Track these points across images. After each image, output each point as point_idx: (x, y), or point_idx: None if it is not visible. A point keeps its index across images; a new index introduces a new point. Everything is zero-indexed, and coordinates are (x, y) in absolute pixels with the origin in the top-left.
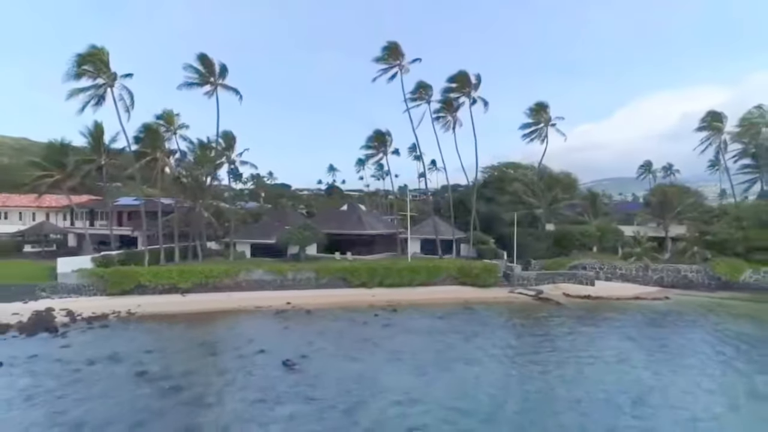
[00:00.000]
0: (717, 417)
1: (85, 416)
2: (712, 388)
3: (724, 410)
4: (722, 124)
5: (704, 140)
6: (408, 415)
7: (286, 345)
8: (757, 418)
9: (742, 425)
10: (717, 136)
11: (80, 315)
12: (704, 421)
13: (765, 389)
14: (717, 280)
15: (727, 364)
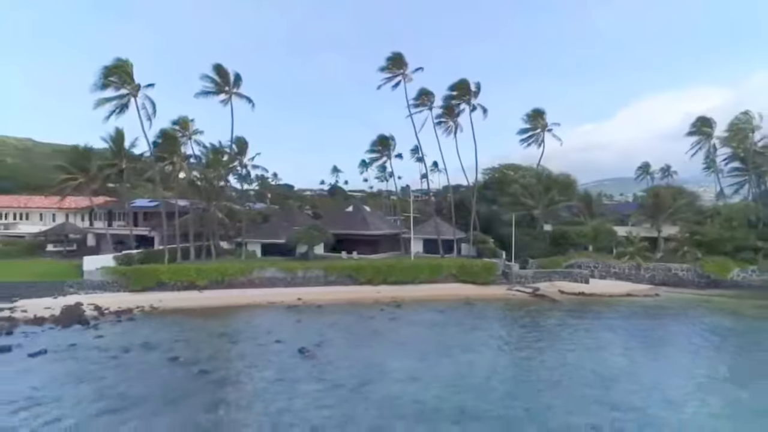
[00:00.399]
0: (675, 392)
1: (127, 393)
2: (677, 372)
3: (681, 388)
4: (711, 129)
5: (694, 144)
6: (410, 392)
7: (299, 335)
8: (709, 395)
9: (692, 401)
10: (707, 141)
11: (107, 309)
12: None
13: (723, 373)
14: (706, 278)
15: (696, 352)
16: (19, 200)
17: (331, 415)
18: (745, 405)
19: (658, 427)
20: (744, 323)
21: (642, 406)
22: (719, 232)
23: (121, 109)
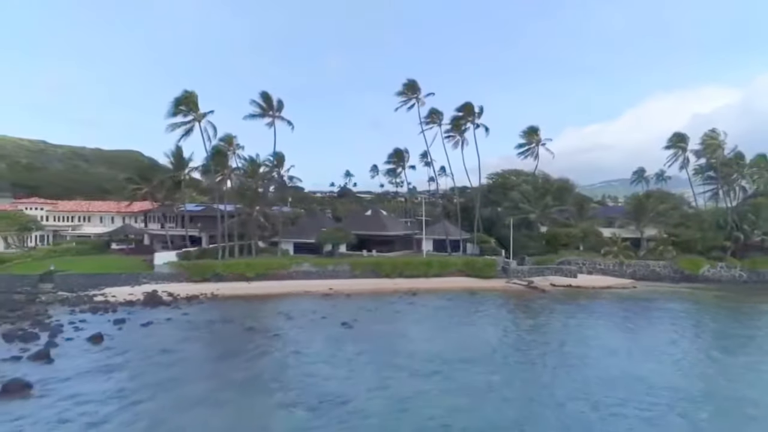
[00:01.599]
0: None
1: (227, 347)
2: (632, 339)
3: (632, 353)
4: (686, 143)
5: (671, 157)
6: (424, 349)
7: (338, 314)
8: (650, 358)
9: (634, 355)
10: (682, 153)
11: (178, 295)
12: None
13: (665, 344)
14: (680, 273)
15: (649, 326)
16: (82, 205)
17: (370, 360)
18: (677, 360)
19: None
20: (698, 307)
21: (588, 354)
22: (692, 233)
23: (188, 132)
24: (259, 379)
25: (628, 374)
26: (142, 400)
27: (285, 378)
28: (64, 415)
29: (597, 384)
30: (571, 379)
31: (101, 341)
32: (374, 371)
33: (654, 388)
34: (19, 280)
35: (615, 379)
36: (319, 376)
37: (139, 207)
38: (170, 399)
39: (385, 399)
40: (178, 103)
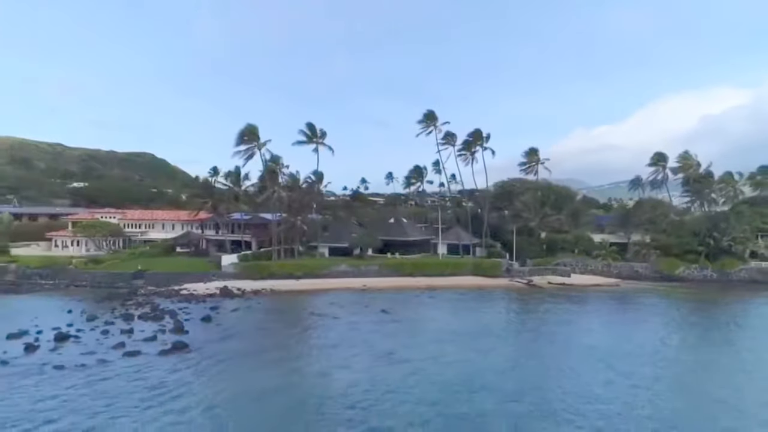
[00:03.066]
0: (593, 333)
1: (302, 326)
2: (603, 323)
3: (597, 331)
4: (665, 162)
5: (652, 173)
6: (446, 328)
7: (376, 304)
8: (610, 335)
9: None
10: (662, 171)
11: (245, 290)
12: (585, 334)
13: (628, 326)
14: (660, 273)
15: (624, 315)
16: (146, 213)
17: (407, 333)
18: (629, 334)
19: (567, 338)
20: (668, 300)
21: (565, 331)
22: (671, 239)
23: (250, 157)
24: (334, 342)
25: (587, 344)
26: (260, 353)
27: (352, 342)
28: (214, 360)
29: (564, 349)
30: (549, 346)
31: (210, 321)
32: (411, 339)
33: (602, 353)
34: (116, 277)
35: (577, 347)
36: (374, 341)
37: (197, 215)
38: (279, 354)
39: (420, 353)
40: (242, 135)
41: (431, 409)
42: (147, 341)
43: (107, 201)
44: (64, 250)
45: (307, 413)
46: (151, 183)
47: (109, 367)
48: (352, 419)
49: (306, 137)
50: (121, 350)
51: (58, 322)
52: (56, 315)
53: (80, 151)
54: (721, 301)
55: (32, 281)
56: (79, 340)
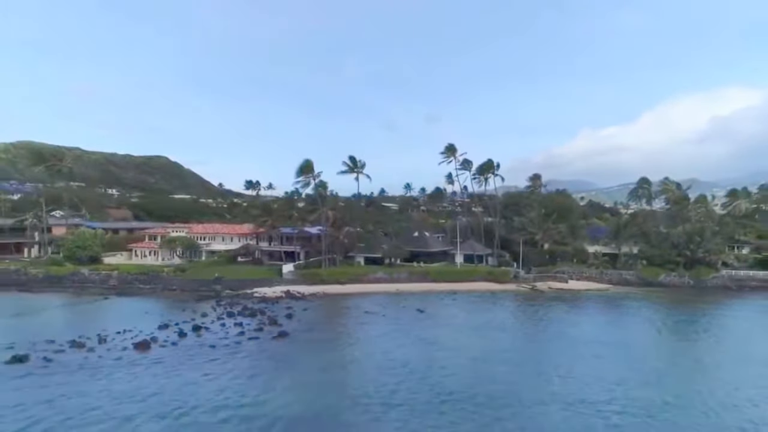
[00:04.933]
0: (581, 326)
1: (364, 320)
2: (589, 320)
3: (584, 325)
4: (649, 185)
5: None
6: (468, 323)
7: (411, 305)
8: (595, 328)
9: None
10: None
11: (303, 293)
12: (573, 327)
13: (610, 322)
14: (644, 280)
15: (609, 314)
16: (208, 227)
17: (440, 326)
18: (609, 327)
19: (560, 329)
20: (647, 302)
21: (558, 325)
22: (654, 250)
23: (306, 185)
24: (386, 332)
25: (573, 335)
26: (336, 339)
27: (400, 332)
28: (309, 343)
29: (556, 338)
30: (543, 336)
31: (292, 318)
32: (442, 330)
33: (583, 340)
34: (200, 283)
35: (565, 336)
36: (416, 332)
37: (250, 229)
38: (350, 340)
39: (451, 339)
40: (301, 170)
41: (462, 373)
42: (257, 331)
43: (162, 213)
44: (143, 259)
45: (379, 375)
46: (166, 185)
47: (243, 346)
48: (410, 382)
49: (348, 168)
50: (244, 336)
51: (181, 318)
52: (174, 313)
53: (98, 155)
54: (694, 303)
55: (133, 286)
56: (209, 330)
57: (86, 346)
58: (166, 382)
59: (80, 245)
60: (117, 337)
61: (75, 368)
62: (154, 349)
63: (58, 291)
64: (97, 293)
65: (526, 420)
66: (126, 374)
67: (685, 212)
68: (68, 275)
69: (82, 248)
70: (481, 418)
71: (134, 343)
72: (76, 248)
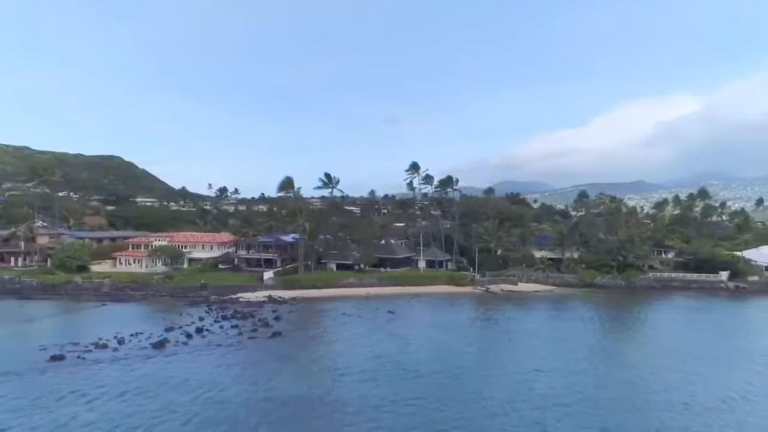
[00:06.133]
0: (522, 321)
1: (341, 321)
2: (531, 316)
3: (526, 320)
4: (588, 197)
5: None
6: (433, 321)
7: (382, 307)
8: (534, 322)
9: (527, 322)
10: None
11: (284, 297)
12: (517, 322)
13: (550, 317)
14: (583, 281)
15: (550, 311)
16: (188, 236)
17: (410, 325)
18: (547, 321)
19: (506, 324)
20: (582, 301)
21: (505, 321)
22: (592, 256)
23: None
24: (365, 331)
25: (519, 330)
26: (323, 336)
27: (377, 330)
28: (300, 340)
29: (504, 332)
30: (493, 331)
31: (281, 319)
32: (412, 328)
33: (525, 333)
34: (187, 289)
35: (511, 330)
36: (390, 330)
37: (229, 238)
38: (336, 337)
39: (419, 335)
40: (282, 186)
41: (429, 360)
42: (253, 331)
43: (139, 222)
44: (127, 267)
45: (362, 363)
46: (123, 187)
47: (245, 344)
48: (388, 366)
49: (324, 183)
50: (243, 337)
51: (181, 321)
52: (173, 317)
53: (48, 155)
54: (623, 302)
55: (124, 293)
56: (211, 332)
57: (109, 347)
58: (195, 370)
59: (71, 255)
60: (132, 339)
61: (110, 362)
62: (169, 348)
63: (54, 299)
64: (91, 300)
65: (477, 390)
66: (156, 366)
67: (618, 222)
68: (62, 283)
69: (72, 258)
70: (444, 389)
71: (151, 343)
72: (67, 257)
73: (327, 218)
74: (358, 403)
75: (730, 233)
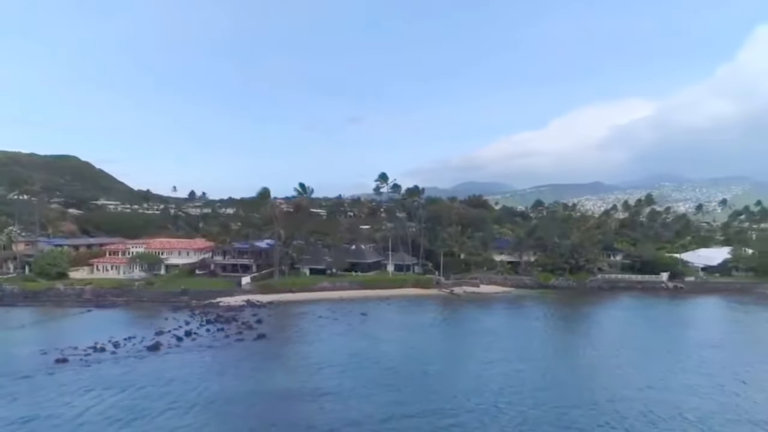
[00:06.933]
0: (482, 319)
1: (321, 323)
2: (490, 315)
3: (484, 319)
4: (543, 205)
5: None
6: (401, 322)
7: (355, 309)
8: (492, 319)
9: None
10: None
11: (261, 301)
12: (475, 321)
13: (509, 315)
14: (539, 283)
15: (507, 310)
16: (164, 243)
17: (382, 327)
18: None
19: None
20: (537, 301)
21: (465, 320)
22: (546, 259)
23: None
24: (341, 332)
25: (480, 328)
26: (303, 337)
27: (352, 330)
28: (284, 341)
29: (466, 331)
30: (457, 330)
31: (263, 322)
32: (383, 328)
33: (484, 331)
34: (168, 294)
35: (472, 329)
36: (364, 330)
37: (204, 244)
38: (315, 338)
39: (390, 334)
40: (261, 195)
41: (400, 354)
42: (239, 334)
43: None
44: (105, 274)
45: (341, 360)
46: (80, 188)
47: (233, 346)
48: (363, 361)
49: (298, 192)
50: (230, 339)
51: (169, 326)
52: (159, 322)
53: (0, 154)
54: (574, 302)
55: (107, 299)
56: (199, 335)
57: (107, 350)
58: (191, 368)
59: (50, 262)
60: (127, 342)
61: (111, 364)
62: (164, 350)
63: (37, 305)
64: (74, 306)
65: (441, 381)
66: (154, 365)
67: (571, 227)
68: (44, 290)
69: (52, 265)
70: (412, 381)
71: (146, 346)
72: (47, 265)
73: (300, 225)
74: (337, 392)
75: (671, 238)
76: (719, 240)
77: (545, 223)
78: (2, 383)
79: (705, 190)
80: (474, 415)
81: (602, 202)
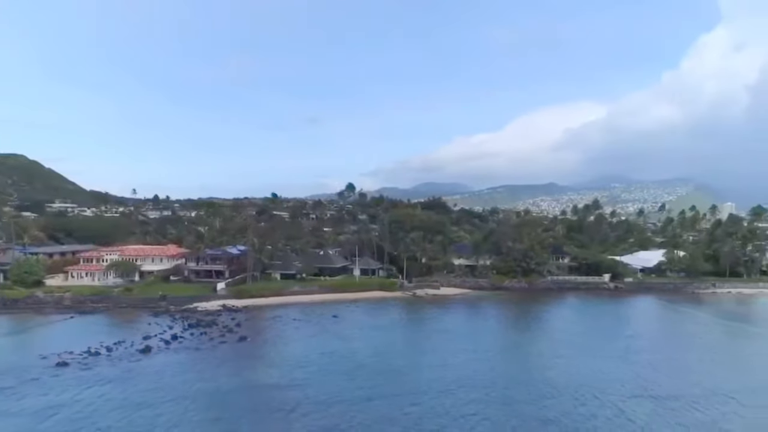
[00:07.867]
0: (439, 319)
1: (296, 326)
2: (447, 313)
3: (442, 318)
4: (499, 213)
5: (486, 211)
6: (369, 323)
7: (326, 312)
8: (449, 318)
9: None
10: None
11: (237, 306)
12: (434, 321)
13: (465, 314)
14: (494, 285)
15: (464, 309)
16: (138, 250)
17: (353, 327)
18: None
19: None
20: (492, 301)
21: (424, 319)
22: (501, 262)
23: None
24: (314, 333)
25: (438, 328)
26: (281, 338)
27: (325, 332)
28: (264, 342)
29: (428, 332)
30: (419, 329)
31: (242, 326)
32: (353, 329)
33: (444, 330)
34: (147, 300)
35: (431, 329)
36: (336, 331)
37: (178, 251)
38: (292, 339)
39: (360, 334)
40: (236, 208)
41: (370, 351)
42: (221, 337)
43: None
44: (80, 281)
45: (316, 358)
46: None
47: (219, 348)
48: (337, 358)
49: (270, 202)
50: (214, 342)
51: (154, 330)
52: (144, 327)
53: None
54: (525, 301)
55: (86, 305)
56: (184, 338)
57: (101, 354)
58: (184, 368)
59: (27, 270)
60: (118, 347)
61: (109, 365)
62: (154, 353)
63: (17, 312)
64: (55, 313)
65: (406, 374)
66: (149, 366)
67: (523, 232)
68: (24, 298)
69: (29, 273)
70: (381, 373)
71: (137, 349)
72: (24, 273)
73: (271, 233)
74: (312, 383)
75: (615, 240)
76: (657, 243)
77: (500, 229)
78: (12, 384)
79: (652, 191)
80: (431, 396)
81: (557, 203)
